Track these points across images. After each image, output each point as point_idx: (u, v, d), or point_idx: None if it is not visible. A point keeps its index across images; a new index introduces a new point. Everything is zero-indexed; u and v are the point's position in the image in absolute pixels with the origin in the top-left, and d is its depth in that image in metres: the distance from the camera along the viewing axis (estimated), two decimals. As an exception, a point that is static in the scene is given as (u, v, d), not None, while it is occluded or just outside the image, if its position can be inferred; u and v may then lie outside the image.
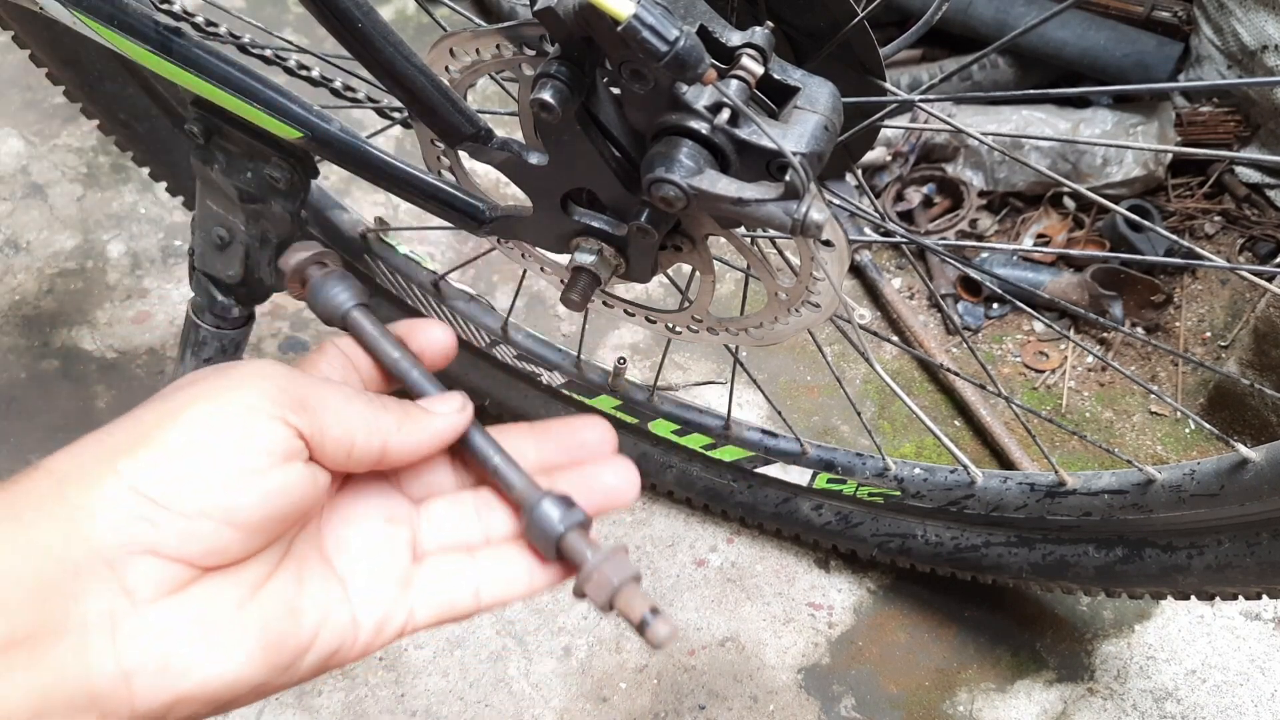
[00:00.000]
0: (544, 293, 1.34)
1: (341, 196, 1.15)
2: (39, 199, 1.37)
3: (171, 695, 0.37)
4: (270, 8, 1.68)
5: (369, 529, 0.46)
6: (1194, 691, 1.05)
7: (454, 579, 0.46)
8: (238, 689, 0.39)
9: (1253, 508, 0.76)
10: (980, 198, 1.43)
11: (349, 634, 0.43)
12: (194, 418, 0.39)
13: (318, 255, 0.52)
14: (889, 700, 1.04)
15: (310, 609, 0.42)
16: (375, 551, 0.45)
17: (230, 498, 0.38)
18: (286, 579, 0.42)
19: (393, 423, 0.44)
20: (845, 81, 0.54)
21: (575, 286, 0.62)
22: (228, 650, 0.38)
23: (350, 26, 0.48)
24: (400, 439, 0.44)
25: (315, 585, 0.43)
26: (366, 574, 0.44)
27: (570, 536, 0.45)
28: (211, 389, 0.40)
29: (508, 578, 0.47)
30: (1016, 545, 0.97)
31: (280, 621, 0.40)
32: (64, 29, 0.52)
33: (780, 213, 0.49)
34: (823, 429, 1.25)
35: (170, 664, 0.37)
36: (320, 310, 0.51)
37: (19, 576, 0.35)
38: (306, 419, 0.41)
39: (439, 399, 0.47)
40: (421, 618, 0.45)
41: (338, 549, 0.45)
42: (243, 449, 0.39)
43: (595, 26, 0.46)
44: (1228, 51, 1.40)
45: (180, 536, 0.37)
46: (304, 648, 0.41)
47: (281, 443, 0.40)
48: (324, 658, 0.42)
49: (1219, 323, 1.35)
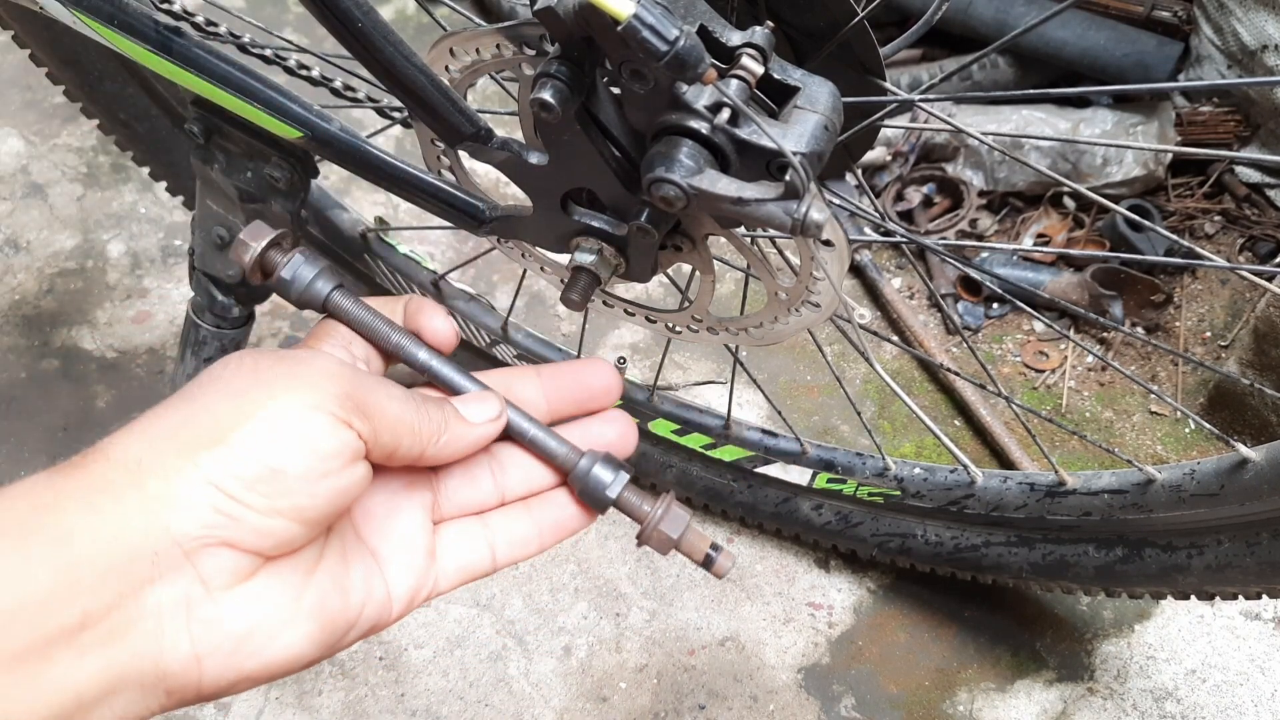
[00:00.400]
0: (544, 292, 1.34)
1: (341, 196, 1.16)
2: (39, 199, 1.37)
3: (238, 675, 0.40)
4: (270, 8, 1.68)
5: (393, 498, 0.48)
6: (1194, 691, 1.05)
7: (472, 543, 0.49)
8: (296, 665, 0.42)
9: (1253, 507, 0.76)
10: (980, 197, 1.43)
11: (386, 606, 0.46)
12: (269, 418, 0.40)
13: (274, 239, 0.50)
14: (889, 700, 1.04)
15: (356, 587, 0.45)
16: (401, 524, 0.48)
17: (303, 498, 0.40)
18: (334, 560, 0.44)
19: (433, 433, 0.46)
20: (845, 81, 0.54)
21: (575, 286, 0.62)
22: (291, 633, 0.41)
23: (350, 26, 0.48)
24: (437, 449, 0.47)
25: (357, 564, 0.45)
26: (396, 549, 0.47)
27: (625, 496, 0.50)
28: (281, 386, 0.42)
29: (521, 539, 0.50)
30: (1016, 545, 0.97)
31: (333, 601, 0.43)
32: (64, 29, 0.52)
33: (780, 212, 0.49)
34: (823, 429, 1.25)
35: (240, 647, 0.40)
36: (295, 299, 0.50)
37: (96, 562, 0.36)
38: (366, 424, 0.43)
39: (476, 402, 0.49)
40: (445, 584, 0.48)
41: (366, 519, 0.47)
42: (315, 452, 0.41)
43: (595, 26, 0.46)
44: (1228, 51, 1.40)
45: (256, 533, 0.39)
46: (352, 623, 0.44)
47: (349, 447, 0.42)
48: (365, 630, 0.45)
49: (1219, 323, 1.35)
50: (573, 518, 0.51)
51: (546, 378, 0.53)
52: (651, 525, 0.50)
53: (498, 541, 0.50)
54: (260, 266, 0.50)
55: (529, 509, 0.51)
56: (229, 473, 0.39)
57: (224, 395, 0.41)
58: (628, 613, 1.08)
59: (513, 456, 0.51)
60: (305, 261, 0.50)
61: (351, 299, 0.50)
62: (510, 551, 0.50)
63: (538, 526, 0.51)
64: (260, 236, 0.50)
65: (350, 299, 0.50)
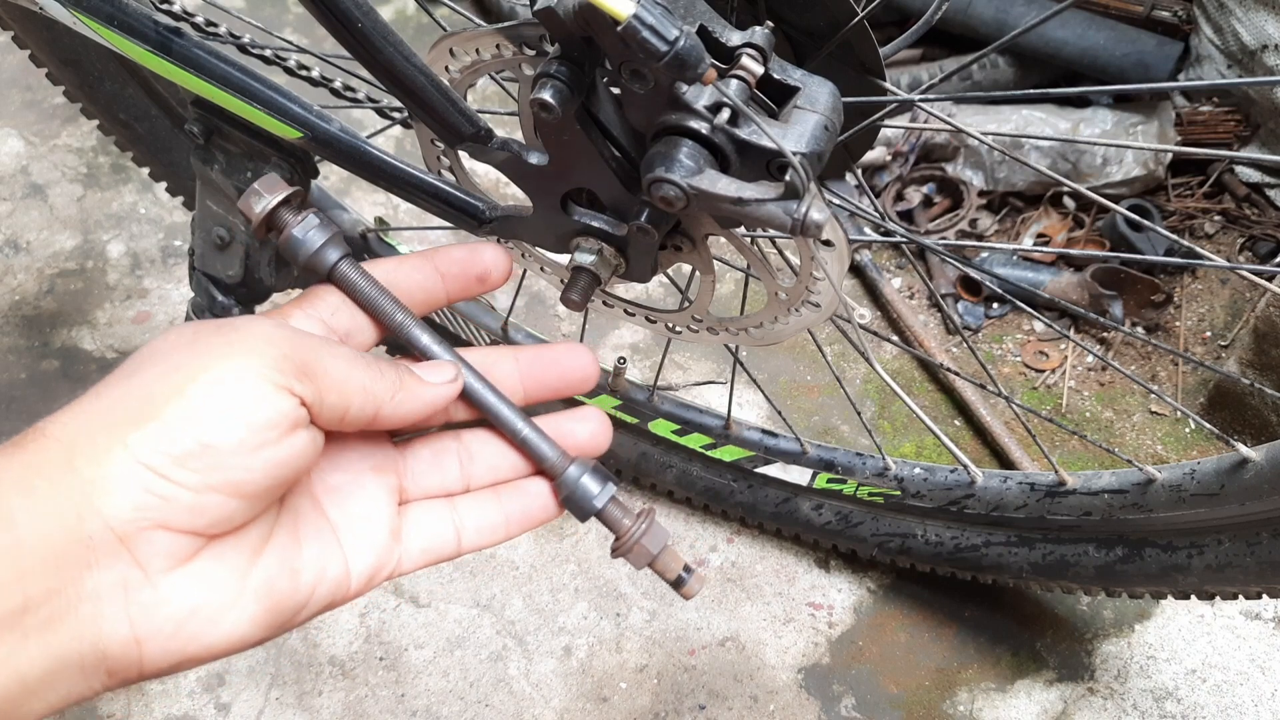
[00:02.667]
0: (544, 293, 1.34)
1: (341, 196, 1.16)
2: (39, 199, 1.37)
3: (180, 657, 0.39)
4: (270, 8, 1.68)
5: (358, 478, 0.47)
6: (1194, 691, 1.05)
7: (438, 526, 0.49)
8: (240, 647, 0.41)
9: (1253, 507, 0.76)
10: (980, 197, 1.43)
11: (342, 584, 0.45)
12: (200, 390, 0.39)
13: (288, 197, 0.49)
14: (889, 700, 1.04)
15: (308, 567, 0.43)
16: (365, 502, 0.47)
17: (238, 472, 0.39)
18: (284, 539, 0.43)
19: (386, 391, 0.45)
20: (845, 81, 0.54)
21: (575, 286, 0.62)
22: (235, 615, 0.40)
23: (350, 26, 0.48)
24: (392, 408, 0.45)
25: (311, 542, 0.44)
26: (358, 525, 0.46)
27: (609, 508, 0.50)
28: (216, 355, 0.40)
29: (488, 526, 0.50)
30: (1016, 545, 0.97)
31: (281, 582, 0.42)
32: (64, 29, 0.52)
33: (780, 212, 0.49)
34: (823, 429, 1.25)
35: (181, 630, 0.39)
36: (300, 261, 0.49)
37: (34, 547, 0.36)
38: (309, 386, 0.41)
39: (433, 368, 0.48)
40: (408, 564, 0.48)
41: (328, 494, 0.46)
42: (248, 424, 0.39)
43: (595, 26, 0.46)
44: (1228, 51, 1.40)
45: (191, 511, 0.38)
46: (302, 604, 0.43)
47: (288, 414, 0.41)
48: (318, 609, 0.44)
49: (1219, 322, 1.35)
50: (542, 509, 0.51)
51: (524, 359, 0.53)
52: (632, 540, 0.50)
53: (465, 526, 0.49)
54: (269, 222, 0.49)
55: (498, 496, 0.51)
56: (158, 451, 0.38)
57: (159, 370, 0.40)
58: (628, 613, 1.08)
59: (482, 446, 0.51)
60: (318, 224, 0.49)
61: (359, 270, 0.49)
62: (477, 537, 0.50)
63: (505, 514, 0.50)
64: (275, 190, 0.49)
65: (357, 270, 0.49)
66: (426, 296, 0.51)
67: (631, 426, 1.06)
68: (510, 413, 0.50)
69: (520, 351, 0.53)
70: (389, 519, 0.47)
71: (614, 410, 1.04)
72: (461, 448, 0.51)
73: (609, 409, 1.04)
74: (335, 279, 0.49)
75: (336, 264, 0.49)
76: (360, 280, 0.49)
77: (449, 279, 0.52)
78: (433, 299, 0.52)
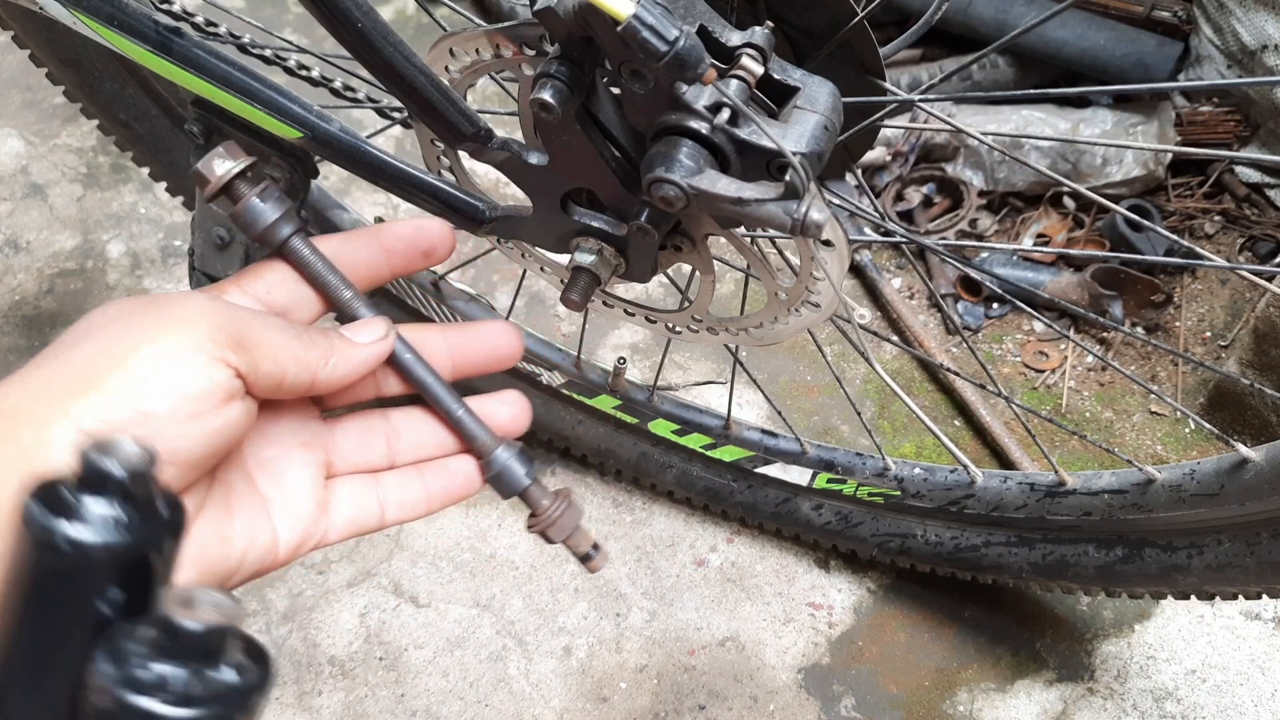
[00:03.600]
0: (544, 292, 1.34)
1: (341, 196, 1.16)
2: (39, 199, 1.37)
3: None
4: (270, 8, 1.68)
5: (288, 453, 0.49)
6: (1194, 691, 1.05)
7: (363, 500, 0.51)
8: None
9: (1253, 507, 0.76)
10: (980, 197, 1.43)
11: (271, 553, 0.47)
12: (140, 362, 0.41)
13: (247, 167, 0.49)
14: (889, 700, 1.04)
15: (239, 536, 0.45)
16: (294, 475, 0.49)
17: (176, 440, 0.41)
18: (216, 509, 0.45)
19: (320, 357, 0.47)
20: (845, 81, 0.54)
21: (575, 286, 0.62)
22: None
23: (350, 26, 0.48)
24: (328, 373, 0.47)
25: (242, 512, 0.46)
26: (287, 498, 0.48)
27: (531, 489, 0.53)
28: (153, 328, 0.42)
29: (410, 501, 0.52)
30: (1016, 545, 0.97)
31: (214, 550, 0.44)
32: (64, 29, 0.52)
33: (780, 212, 0.49)
34: (823, 429, 1.25)
35: None
36: (251, 232, 0.50)
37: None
38: (244, 357, 0.43)
39: (363, 327, 0.50)
40: (333, 535, 0.50)
41: (259, 468, 0.48)
42: (185, 394, 0.41)
43: (595, 26, 0.46)
44: (1228, 51, 1.40)
45: None
46: (233, 570, 0.45)
47: (223, 385, 0.42)
48: (248, 576, 0.46)
49: (1219, 322, 1.35)
50: (462, 486, 0.53)
51: (452, 336, 0.54)
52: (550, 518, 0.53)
53: (388, 500, 0.52)
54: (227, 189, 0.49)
55: (420, 473, 0.53)
56: (99, 419, 0.39)
57: (99, 342, 0.42)
58: (628, 613, 1.08)
59: (408, 424, 0.53)
60: (275, 197, 0.50)
61: (310, 246, 0.50)
62: (400, 511, 0.52)
63: (427, 490, 0.52)
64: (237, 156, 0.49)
65: (309, 246, 0.50)
66: (371, 272, 0.53)
67: (631, 426, 1.06)
68: (444, 392, 0.52)
69: (449, 329, 0.55)
70: (316, 492, 0.50)
71: (614, 410, 1.04)
72: (388, 426, 0.53)
73: (609, 409, 1.04)
74: (286, 253, 0.50)
75: (289, 238, 0.50)
76: (311, 256, 0.50)
77: (394, 254, 0.53)
78: (378, 274, 0.53)
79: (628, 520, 1.15)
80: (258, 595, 1.06)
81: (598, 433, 1.10)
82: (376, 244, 0.53)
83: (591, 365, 1.04)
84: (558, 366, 1.03)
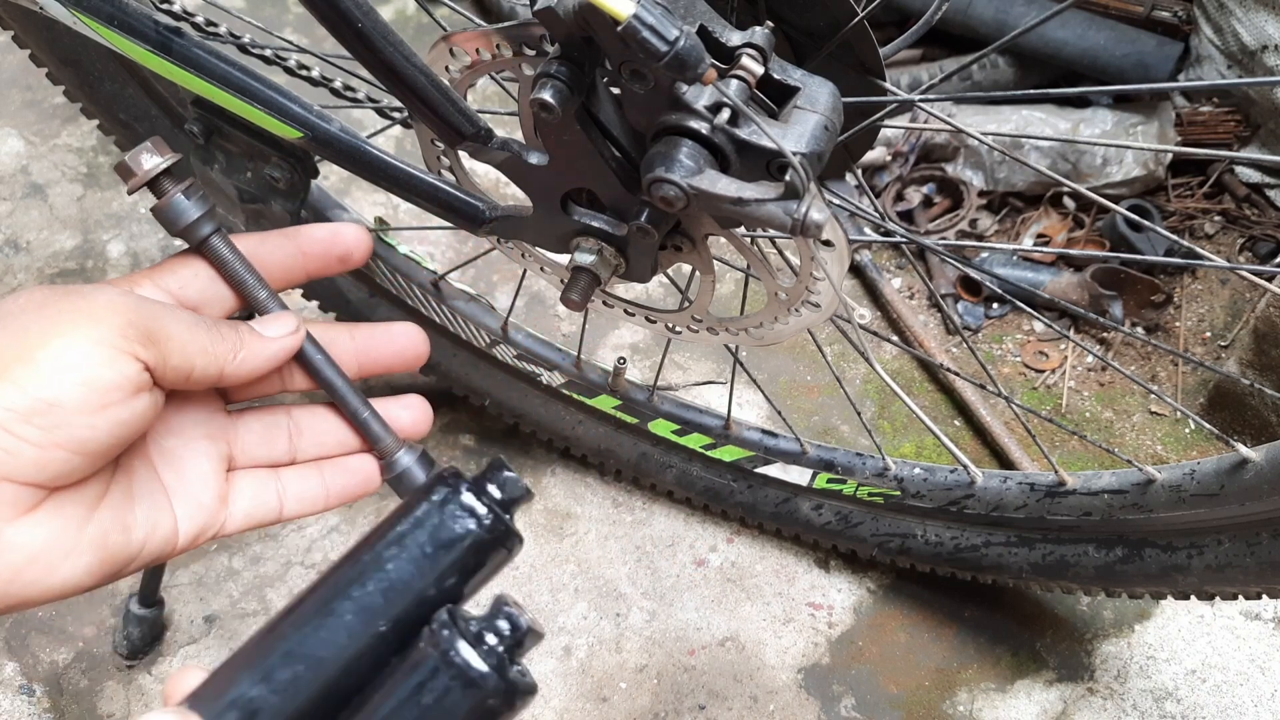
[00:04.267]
0: (544, 293, 1.34)
1: (341, 196, 1.16)
2: (39, 199, 1.37)
3: (17, 600, 0.42)
4: (270, 8, 1.68)
5: (191, 444, 0.50)
6: (1194, 691, 1.05)
7: (262, 494, 0.52)
8: (73, 593, 0.44)
9: (1253, 507, 0.76)
10: (980, 198, 1.43)
11: (170, 541, 0.48)
12: (49, 354, 0.41)
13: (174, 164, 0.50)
14: (889, 700, 1.04)
15: (140, 523, 0.46)
16: (196, 466, 0.50)
17: (81, 430, 0.42)
18: (119, 496, 0.46)
19: (229, 350, 0.48)
20: (845, 81, 0.54)
21: (575, 286, 0.62)
22: (71, 566, 0.43)
23: (350, 26, 0.48)
24: (235, 366, 0.48)
25: (144, 500, 0.47)
26: (188, 488, 0.49)
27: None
28: (65, 321, 0.43)
29: (309, 497, 0.53)
30: (1016, 545, 0.97)
31: (115, 536, 0.45)
32: (64, 29, 0.52)
33: (780, 213, 0.49)
34: (823, 429, 1.25)
35: (19, 577, 0.42)
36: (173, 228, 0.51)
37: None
38: (153, 351, 0.44)
39: (272, 321, 0.51)
40: (231, 527, 0.51)
41: (162, 457, 0.49)
42: (93, 386, 0.42)
43: (595, 26, 0.46)
44: (1228, 51, 1.40)
45: (34, 465, 0.41)
46: (133, 557, 0.46)
47: (132, 378, 0.43)
48: (146, 562, 0.47)
49: (1219, 323, 1.35)
50: (360, 485, 0.54)
51: (359, 336, 0.55)
52: None
53: (287, 495, 0.53)
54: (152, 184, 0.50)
55: (320, 470, 0.54)
56: (5, 408, 0.40)
57: (9, 332, 0.43)
58: (628, 613, 1.08)
59: (311, 421, 0.54)
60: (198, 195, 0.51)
61: (229, 245, 0.51)
62: (298, 506, 0.53)
63: (326, 488, 0.54)
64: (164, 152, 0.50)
65: (228, 245, 0.51)
66: (286, 273, 0.54)
67: (631, 426, 1.06)
68: (350, 392, 0.53)
69: (358, 328, 0.56)
70: (217, 484, 0.51)
71: (614, 410, 1.04)
72: (291, 422, 0.54)
73: (609, 409, 1.04)
74: (205, 251, 0.51)
75: (209, 237, 0.51)
76: (229, 255, 0.51)
77: (310, 257, 0.54)
78: (292, 276, 0.54)
79: (628, 520, 1.15)
80: (257, 595, 1.06)
81: (598, 433, 1.10)
82: (293, 245, 0.54)
83: (591, 365, 1.04)
84: (558, 366, 1.03)
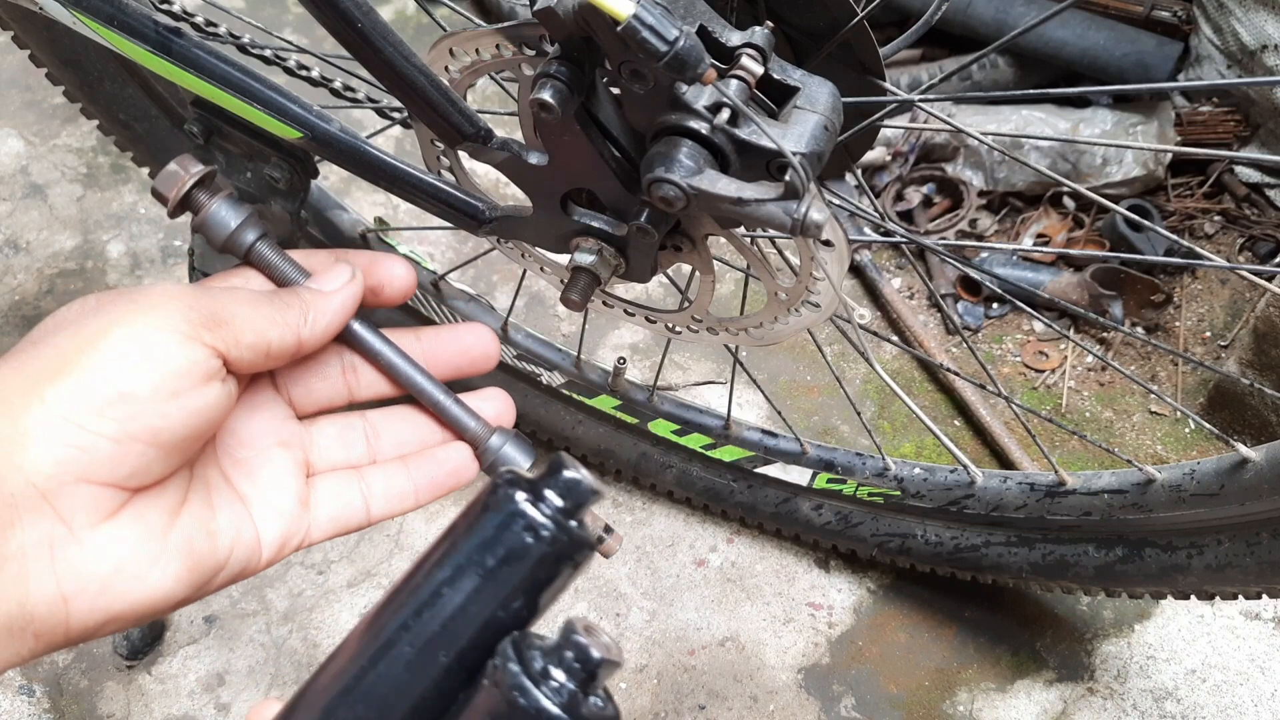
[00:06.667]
0: (544, 293, 1.34)
1: (341, 196, 1.16)
2: (39, 199, 1.37)
3: (106, 615, 0.39)
4: (270, 8, 1.68)
5: (264, 452, 0.48)
6: (1194, 691, 1.05)
7: (345, 495, 0.49)
8: (164, 607, 0.41)
9: (1253, 507, 0.76)
10: (980, 197, 1.43)
11: (255, 552, 0.46)
12: (114, 343, 0.40)
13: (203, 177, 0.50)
14: (889, 700, 1.04)
15: (224, 530, 0.44)
16: (272, 473, 0.48)
17: (155, 419, 0.40)
18: (198, 503, 0.44)
19: (298, 315, 0.46)
20: (845, 81, 0.54)
21: (575, 286, 0.62)
22: (159, 573, 0.40)
23: (350, 26, 0.48)
24: (310, 329, 0.46)
25: (224, 509, 0.45)
26: (266, 495, 0.47)
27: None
28: (124, 313, 0.41)
29: (397, 494, 0.50)
30: (1016, 545, 0.97)
31: (200, 543, 0.43)
32: (64, 29, 0.52)
33: (780, 213, 0.49)
34: (823, 429, 1.25)
35: (108, 588, 0.39)
36: (218, 243, 0.50)
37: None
38: (220, 334, 0.42)
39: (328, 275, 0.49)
40: (317, 533, 0.48)
41: (235, 468, 0.47)
42: (164, 371, 0.40)
43: (595, 26, 0.46)
44: (1228, 51, 1.40)
45: (111, 462, 0.39)
46: (220, 566, 0.44)
47: (200, 363, 0.41)
48: (235, 574, 0.45)
49: (1219, 322, 1.35)
50: (450, 475, 0.52)
51: (426, 338, 0.54)
52: None
53: (373, 494, 0.50)
54: (185, 202, 0.49)
55: (406, 465, 0.51)
56: (77, 402, 0.38)
57: (69, 331, 0.41)
58: (628, 613, 1.08)
59: (388, 422, 0.52)
60: (235, 204, 0.50)
61: (276, 250, 0.50)
62: (386, 505, 0.50)
63: (414, 483, 0.51)
64: (191, 168, 0.49)
65: (275, 250, 0.50)
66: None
67: (631, 427, 1.06)
68: (430, 384, 0.51)
69: (422, 332, 0.54)
70: (297, 489, 0.48)
71: (614, 410, 1.04)
72: (367, 425, 0.52)
73: (609, 409, 1.04)
74: (252, 259, 0.50)
75: (254, 244, 0.50)
76: (277, 259, 0.50)
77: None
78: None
79: (628, 520, 1.15)
80: (258, 595, 1.06)
81: (598, 433, 1.10)
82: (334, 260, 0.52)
83: (591, 365, 1.04)
84: (558, 366, 1.03)
